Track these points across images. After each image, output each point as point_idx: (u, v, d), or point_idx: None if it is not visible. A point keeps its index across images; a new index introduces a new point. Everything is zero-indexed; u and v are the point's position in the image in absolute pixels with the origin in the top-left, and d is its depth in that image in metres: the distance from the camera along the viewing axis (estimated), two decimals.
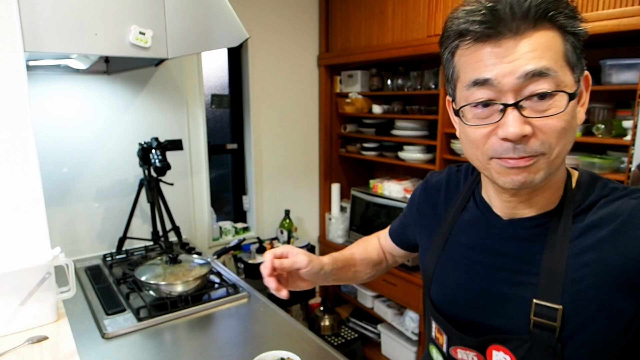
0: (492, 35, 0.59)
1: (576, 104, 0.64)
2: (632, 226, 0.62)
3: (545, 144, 0.61)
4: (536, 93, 0.59)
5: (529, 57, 0.58)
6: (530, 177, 0.63)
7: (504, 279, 0.72)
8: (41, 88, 1.94)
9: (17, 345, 1.18)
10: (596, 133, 1.74)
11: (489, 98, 0.62)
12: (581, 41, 0.63)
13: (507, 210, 0.74)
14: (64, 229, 2.06)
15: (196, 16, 1.50)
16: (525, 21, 0.58)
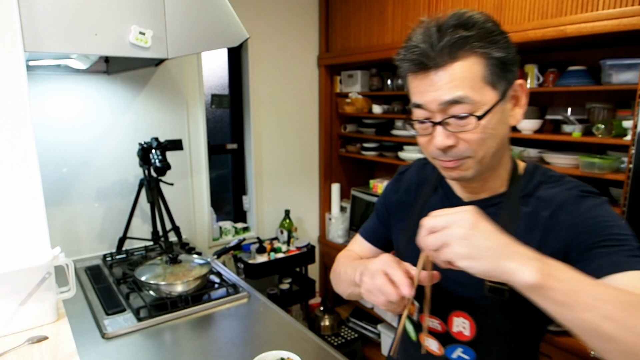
0: (420, 69, 0.74)
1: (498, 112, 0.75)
2: (564, 215, 0.76)
3: (469, 150, 0.76)
4: (453, 115, 0.74)
5: (447, 88, 0.72)
6: (461, 174, 0.79)
7: None
8: (41, 88, 1.94)
9: (17, 345, 1.18)
10: (596, 133, 1.74)
11: (424, 117, 0.77)
12: (503, 61, 0.73)
13: (466, 194, 0.89)
14: (64, 229, 2.06)
15: (196, 16, 1.50)
16: (444, 56, 0.71)
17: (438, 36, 0.72)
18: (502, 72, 0.74)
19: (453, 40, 0.71)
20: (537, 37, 1.77)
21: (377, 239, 1.09)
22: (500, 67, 0.73)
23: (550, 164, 1.92)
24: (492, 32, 0.73)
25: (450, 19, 0.74)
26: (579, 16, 1.65)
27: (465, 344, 0.86)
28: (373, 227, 1.10)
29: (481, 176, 0.82)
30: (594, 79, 1.82)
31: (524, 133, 2.01)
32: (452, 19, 0.74)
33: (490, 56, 0.72)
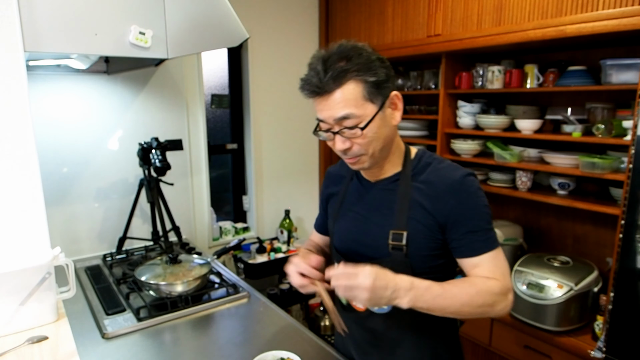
0: (316, 94, 0.97)
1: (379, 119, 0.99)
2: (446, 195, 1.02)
3: (361, 150, 1.01)
4: (345, 127, 0.98)
5: (336, 108, 0.96)
6: (360, 166, 1.06)
7: (373, 221, 1.10)
8: (41, 88, 1.94)
9: (17, 345, 1.18)
10: (596, 133, 1.74)
11: (326, 128, 1.01)
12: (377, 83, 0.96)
13: (372, 176, 1.13)
14: (64, 229, 2.06)
15: (196, 16, 1.50)
16: (329, 86, 0.95)
17: (324, 73, 0.94)
18: (378, 90, 0.97)
19: (335, 73, 0.94)
20: (537, 37, 1.77)
21: (324, 228, 1.33)
22: (375, 87, 0.97)
23: (550, 164, 1.92)
24: (368, 61, 0.96)
25: (335, 52, 0.96)
26: (579, 16, 1.65)
27: None
28: (320, 219, 1.35)
29: (377, 165, 1.08)
30: (594, 79, 1.82)
31: (524, 133, 2.01)
32: (336, 54, 0.96)
33: (366, 80, 0.96)
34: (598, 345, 1.60)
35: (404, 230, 1.03)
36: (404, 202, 1.05)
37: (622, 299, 1.50)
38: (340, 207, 1.19)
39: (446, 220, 1.02)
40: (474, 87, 2.22)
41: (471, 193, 1.02)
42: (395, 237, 1.04)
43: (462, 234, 1.01)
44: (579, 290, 1.72)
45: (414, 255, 1.03)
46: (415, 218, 1.03)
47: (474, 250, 1.01)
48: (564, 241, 2.17)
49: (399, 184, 1.08)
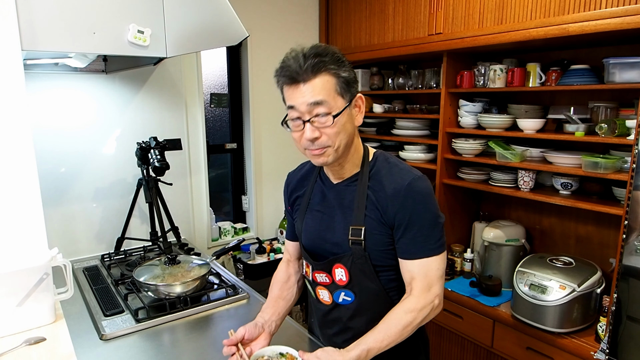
0: (292, 82, 1.03)
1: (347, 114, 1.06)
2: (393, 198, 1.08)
3: (329, 140, 1.05)
4: (316, 114, 1.03)
5: (311, 94, 1.02)
6: (324, 159, 1.08)
7: (335, 219, 1.17)
8: (39, 87, 1.92)
9: (14, 346, 1.17)
10: (599, 132, 1.73)
11: (296, 116, 1.05)
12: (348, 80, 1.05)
13: (334, 176, 1.19)
14: (61, 229, 2.05)
15: (195, 15, 1.49)
16: (307, 73, 1.01)
17: (304, 60, 1.01)
18: (347, 87, 1.05)
19: (314, 62, 1.01)
20: (539, 35, 1.76)
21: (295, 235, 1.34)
22: (346, 84, 1.05)
23: (552, 163, 1.91)
24: (340, 59, 1.04)
25: (311, 49, 1.04)
26: (582, 14, 1.63)
27: (345, 288, 1.16)
28: (290, 227, 1.37)
29: (339, 161, 1.12)
30: (597, 78, 1.81)
31: (526, 133, 2.00)
32: (312, 49, 1.03)
33: (339, 75, 1.04)
34: (601, 347, 1.58)
35: (362, 225, 1.10)
36: (361, 200, 1.12)
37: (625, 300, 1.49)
38: (307, 207, 1.25)
39: (393, 222, 1.09)
40: (475, 86, 2.20)
41: (417, 199, 1.07)
42: (354, 233, 1.11)
43: (402, 236, 1.08)
44: (581, 291, 1.70)
45: (371, 250, 1.11)
46: (370, 215, 1.11)
47: (410, 253, 1.08)
48: (566, 242, 2.16)
49: (358, 185, 1.14)
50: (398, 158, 1.21)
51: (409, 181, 1.08)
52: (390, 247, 1.12)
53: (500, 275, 2.12)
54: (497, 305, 1.99)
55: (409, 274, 1.09)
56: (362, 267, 1.13)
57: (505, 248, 2.11)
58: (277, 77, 1.07)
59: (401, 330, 1.04)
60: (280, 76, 1.06)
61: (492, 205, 2.47)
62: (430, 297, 1.07)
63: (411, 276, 1.09)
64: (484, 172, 2.23)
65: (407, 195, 1.07)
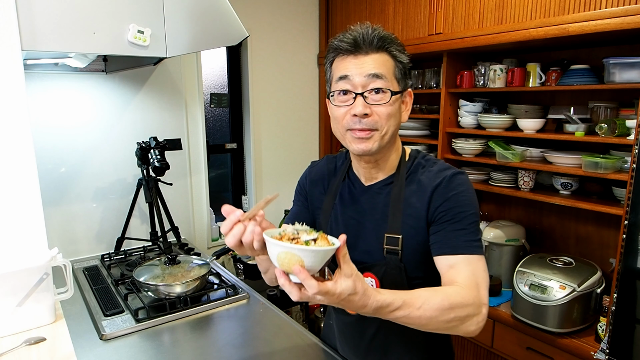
0: (352, 51, 0.97)
1: (399, 100, 1.01)
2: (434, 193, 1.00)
3: (378, 123, 0.98)
4: (374, 88, 0.97)
5: (371, 66, 0.96)
6: (368, 145, 0.99)
7: (367, 226, 1.08)
8: (39, 87, 1.92)
9: (14, 346, 1.17)
10: (599, 132, 1.73)
11: (347, 89, 0.98)
12: (405, 68, 1.01)
13: (366, 176, 1.11)
14: (61, 229, 2.05)
15: (195, 14, 1.49)
16: (371, 47, 0.97)
17: (371, 32, 0.97)
18: (403, 76, 1.01)
19: (378, 37, 0.97)
20: (539, 35, 1.76)
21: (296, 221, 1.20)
22: (403, 71, 1.01)
23: (552, 163, 1.91)
24: (402, 46, 1.01)
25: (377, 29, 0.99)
26: (582, 14, 1.63)
27: None
28: (295, 213, 1.28)
29: (378, 156, 1.05)
30: (597, 78, 1.81)
31: (526, 132, 2.00)
32: (378, 29, 0.99)
33: (398, 59, 0.99)
34: (601, 347, 1.58)
35: (399, 234, 1.01)
36: (397, 205, 1.03)
37: (625, 300, 1.49)
38: (332, 209, 1.16)
39: (432, 218, 1.00)
40: (475, 86, 2.20)
41: (460, 191, 0.99)
42: (390, 241, 1.02)
43: (443, 229, 0.98)
44: (581, 291, 1.70)
45: (408, 260, 1.02)
46: (408, 222, 1.02)
47: (452, 247, 0.96)
48: (566, 242, 2.16)
49: (393, 187, 1.06)
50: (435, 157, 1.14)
51: (451, 173, 1.01)
52: (429, 255, 1.00)
53: (500, 275, 2.12)
54: (497, 305, 1.99)
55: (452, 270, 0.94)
56: (395, 279, 1.03)
57: (505, 248, 2.11)
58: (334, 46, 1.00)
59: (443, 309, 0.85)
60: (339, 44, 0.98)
61: (492, 205, 2.47)
62: (478, 300, 0.90)
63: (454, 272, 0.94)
64: (484, 172, 2.23)
65: (449, 187, 0.99)
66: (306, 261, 0.73)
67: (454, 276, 0.93)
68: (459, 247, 0.95)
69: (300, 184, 1.28)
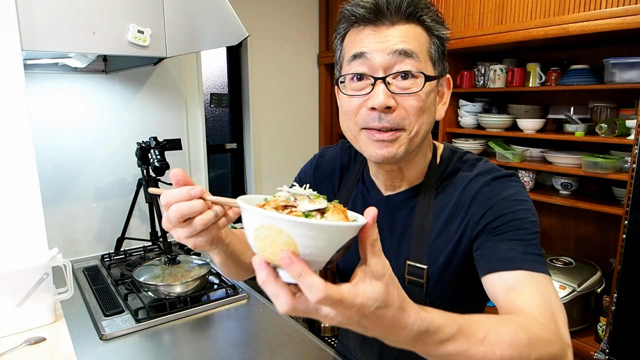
0: (371, 20, 0.71)
1: (435, 92, 0.76)
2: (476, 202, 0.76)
3: (406, 120, 0.72)
4: (401, 70, 0.71)
5: (398, 40, 0.70)
6: (392, 151, 0.73)
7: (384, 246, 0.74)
8: (39, 87, 1.92)
9: (14, 346, 1.17)
10: (599, 132, 1.73)
11: (363, 72, 0.72)
12: (444, 45, 0.76)
13: (386, 183, 0.86)
14: (61, 229, 2.05)
15: (195, 14, 1.49)
16: (398, 14, 0.71)
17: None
18: (441, 56, 0.76)
19: (408, 1, 0.71)
20: (539, 35, 1.76)
21: None
22: (441, 50, 0.76)
23: (552, 163, 1.91)
24: (438, 13, 0.76)
25: None
26: (582, 14, 1.63)
27: None
28: None
29: (404, 161, 0.79)
30: (596, 78, 1.81)
31: (526, 132, 2.00)
32: None
33: (435, 34, 0.75)
34: (601, 347, 1.59)
35: (424, 263, 0.79)
36: (424, 226, 0.79)
37: (625, 300, 1.49)
38: None
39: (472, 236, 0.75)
40: (475, 86, 2.20)
41: (506, 196, 0.74)
42: (412, 271, 0.80)
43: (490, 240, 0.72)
44: (581, 291, 1.70)
45: (435, 294, 0.79)
46: (437, 247, 0.79)
47: (507, 260, 0.68)
48: (566, 241, 2.16)
49: (418, 200, 0.82)
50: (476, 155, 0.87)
51: (493, 176, 0.77)
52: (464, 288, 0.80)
53: None
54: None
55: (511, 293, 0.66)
56: None
57: None
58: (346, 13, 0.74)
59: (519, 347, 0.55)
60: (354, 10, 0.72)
61: None
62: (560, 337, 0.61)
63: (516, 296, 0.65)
64: None
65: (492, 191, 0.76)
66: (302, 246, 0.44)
67: (518, 301, 0.64)
68: (516, 260, 0.68)
69: (305, 172, 1.03)
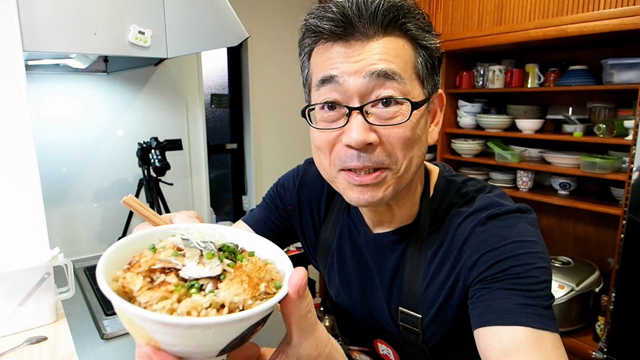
0: (341, 34, 0.57)
1: (425, 116, 0.63)
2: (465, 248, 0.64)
3: (392, 157, 0.59)
4: (381, 97, 0.57)
5: (376, 58, 0.56)
6: (377, 195, 0.60)
7: (375, 293, 0.75)
8: (40, 87, 1.93)
9: (16, 346, 1.17)
10: (597, 133, 1.74)
11: (335, 99, 0.59)
12: (434, 57, 0.62)
13: (374, 219, 0.74)
14: (63, 229, 2.05)
15: (196, 15, 1.49)
16: (374, 25, 0.57)
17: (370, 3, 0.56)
18: (431, 70, 0.63)
19: (385, 7, 0.56)
20: (538, 36, 1.76)
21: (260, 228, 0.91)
22: (430, 64, 0.63)
23: (551, 163, 1.91)
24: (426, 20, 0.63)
25: None
26: (580, 15, 1.64)
27: None
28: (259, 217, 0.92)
29: (394, 199, 0.66)
30: (595, 79, 1.82)
31: (525, 133, 2.00)
32: None
33: (422, 45, 0.61)
34: (599, 346, 1.59)
35: (418, 313, 0.69)
36: (416, 273, 0.69)
37: (623, 300, 1.49)
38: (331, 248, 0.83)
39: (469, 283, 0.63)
40: (474, 86, 2.21)
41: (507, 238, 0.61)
42: (405, 319, 0.71)
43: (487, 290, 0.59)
44: (580, 290, 1.71)
45: (432, 341, 0.70)
46: (431, 295, 0.68)
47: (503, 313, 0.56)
48: (565, 241, 2.17)
49: (410, 244, 0.70)
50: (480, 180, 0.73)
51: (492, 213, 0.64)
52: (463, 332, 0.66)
53: None
54: None
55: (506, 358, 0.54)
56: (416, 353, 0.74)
57: None
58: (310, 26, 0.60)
59: None
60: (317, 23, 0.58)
61: None
62: None
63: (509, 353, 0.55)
64: (482, 172, 2.24)
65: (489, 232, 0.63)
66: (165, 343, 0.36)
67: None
68: (514, 314, 0.55)
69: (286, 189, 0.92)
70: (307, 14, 0.61)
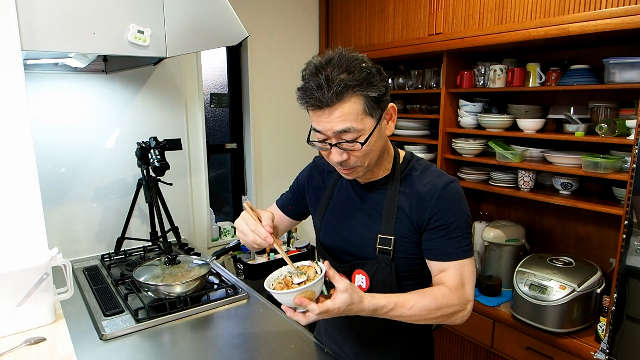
0: (317, 106, 0.97)
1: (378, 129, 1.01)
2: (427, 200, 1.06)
3: (359, 161, 1.03)
4: (343, 140, 0.99)
5: (337, 121, 0.96)
6: (354, 175, 1.08)
7: (361, 221, 1.14)
8: (39, 87, 1.92)
9: (14, 346, 1.17)
10: (599, 132, 1.73)
11: (322, 139, 1.02)
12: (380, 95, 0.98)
13: (362, 178, 1.14)
14: (61, 229, 2.05)
15: (195, 14, 1.49)
16: (332, 98, 0.94)
17: (327, 87, 0.93)
18: (377, 104, 0.99)
19: (339, 88, 0.93)
20: (539, 35, 1.76)
21: (286, 208, 1.35)
22: (375, 102, 0.98)
23: (553, 163, 1.91)
24: (369, 75, 0.96)
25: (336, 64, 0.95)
26: (582, 14, 1.63)
27: None
28: (286, 199, 1.36)
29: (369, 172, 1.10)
30: (597, 78, 1.81)
31: (526, 133, 2.00)
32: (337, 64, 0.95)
33: (368, 96, 0.96)
34: (601, 347, 1.58)
35: (391, 235, 1.07)
36: (392, 208, 1.09)
37: (625, 300, 1.49)
38: (328, 203, 1.22)
39: (426, 224, 1.06)
40: (475, 86, 2.20)
41: (453, 200, 1.05)
42: (382, 242, 1.08)
43: (437, 237, 1.05)
44: (581, 291, 1.70)
45: (399, 259, 1.09)
46: (401, 223, 1.08)
47: (447, 255, 1.05)
48: (566, 242, 2.16)
49: (387, 188, 1.11)
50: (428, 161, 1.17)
51: (444, 182, 1.06)
52: (418, 255, 1.09)
53: (500, 275, 2.12)
54: (497, 305, 1.99)
55: (442, 273, 1.05)
56: (385, 277, 1.10)
57: (505, 248, 2.11)
58: (300, 99, 1.00)
59: (430, 310, 0.98)
60: (303, 99, 0.99)
61: (492, 205, 2.47)
62: (464, 299, 1.03)
63: (444, 275, 1.05)
64: (484, 172, 2.23)
65: (442, 196, 1.04)
66: None
67: (444, 278, 1.05)
68: (453, 255, 1.04)
69: (303, 175, 1.34)
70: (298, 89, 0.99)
